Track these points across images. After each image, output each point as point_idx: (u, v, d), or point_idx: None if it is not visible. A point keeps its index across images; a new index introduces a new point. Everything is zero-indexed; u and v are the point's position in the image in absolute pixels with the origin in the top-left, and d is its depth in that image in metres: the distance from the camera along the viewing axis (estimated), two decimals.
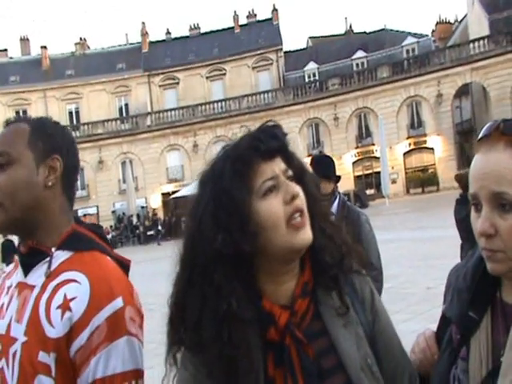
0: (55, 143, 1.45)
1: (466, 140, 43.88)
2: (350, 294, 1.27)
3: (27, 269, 1.41)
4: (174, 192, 40.33)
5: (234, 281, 1.14)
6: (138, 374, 1.34)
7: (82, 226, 1.50)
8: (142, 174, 45.77)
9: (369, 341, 1.25)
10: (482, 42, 40.54)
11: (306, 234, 1.17)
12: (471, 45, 41.24)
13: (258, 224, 1.15)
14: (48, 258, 1.39)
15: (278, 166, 1.19)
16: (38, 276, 1.38)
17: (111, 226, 40.96)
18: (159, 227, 35.75)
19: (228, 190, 1.14)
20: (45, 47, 52.49)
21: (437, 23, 56.80)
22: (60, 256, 1.40)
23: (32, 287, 1.37)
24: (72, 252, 1.40)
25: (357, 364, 1.19)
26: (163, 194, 45.19)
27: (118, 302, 1.32)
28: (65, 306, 1.30)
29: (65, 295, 1.32)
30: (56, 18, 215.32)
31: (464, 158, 39.45)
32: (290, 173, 1.21)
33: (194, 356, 1.18)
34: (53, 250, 1.40)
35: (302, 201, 1.19)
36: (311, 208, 1.22)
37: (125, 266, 1.48)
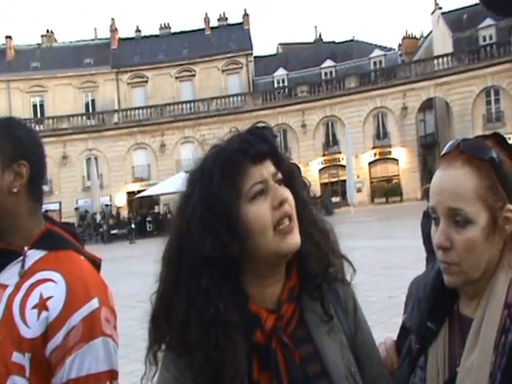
0: (23, 147, 1.40)
1: (429, 153, 45.11)
2: (333, 302, 1.27)
3: None
4: (139, 191, 39.98)
5: (222, 284, 1.13)
6: (112, 374, 1.34)
7: (55, 224, 1.47)
8: (107, 172, 45.17)
9: (351, 350, 1.24)
10: (445, 58, 41.77)
11: (294, 239, 1.16)
12: (435, 61, 42.47)
13: (247, 228, 1.13)
14: (21, 258, 1.36)
15: (267, 169, 1.17)
16: (10, 275, 1.35)
17: (73, 223, 40.12)
18: (132, 225, 35.31)
19: (217, 194, 1.13)
20: (10, 37, 51.06)
21: (403, 38, 58.32)
22: (34, 255, 1.37)
23: (4, 286, 1.34)
24: (46, 251, 1.38)
25: (341, 372, 1.19)
26: (128, 193, 44.72)
27: (94, 303, 1.31)
28: (41, 306, 1.29)
29: (41, 294, 1.30)
30: (21, 8, 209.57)
31: (427, 170, 40.55)
32: (280, 176, 1.19)
33: (179, 357, 1.16)
34: (25, 248, 1.37)
35: (290, 205, 1.17)
36: (300, 212, 1.20)
37: (96, 264, 1.48)
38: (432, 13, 48.61)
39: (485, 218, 1.14)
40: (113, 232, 36.61)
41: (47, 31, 53.77)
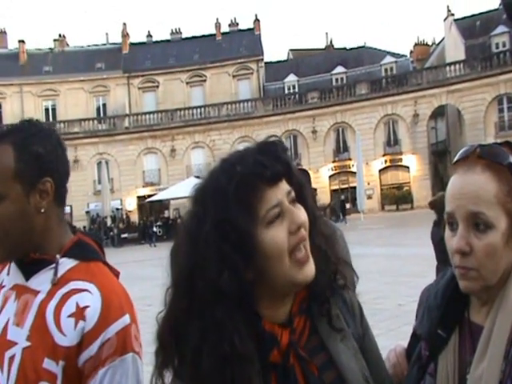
0: (44, 164, 1.35)
1: (440, 161, 44.93)
2: (341, 308, 1.25)
3: (28, 274, 1.36)
4: (149, 196, 40.17)
5: (237, 315, 1.08)
6: None
7: (85, 234, 1.48)
8: (117, 176, 45.40)
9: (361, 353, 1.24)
10: (458, 65, 41.65)
11: (310, 270, 1.12)
12: (447, 68, 42.36)
13: (263, 255, 1.09)
14: (53, 265, 1.35)
15: (282, 190, 1.12)
16: (42, 281, 1.34)
17: (84, 227, 40.40)
18: (154, 228, 35.35)
19: (233, 221, 1.06)
20: (22, 41, 51.58)
21: (415, 44, 58.21)
22: (66, 263, 1.36)
23: (35, 292, 1.33)
24: (77, 261, 1.38)
25: (358, 377, 1.18)
26: (139, 197, 44.98)
27: (127, 319, 1.32)
28: (78, 315, 1.29)
29: (77, 304, 1.30)
30: (34, 13, 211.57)
31: (438, 178, 40.42)
32: (293, 194, 1.14)
33: None
34: (57, 256, 1.36)
35: (306, 229, 1.14)
36: (311, 226, 1.17)
37: (116, 276, 1.47)
38: (444, 19, 48.48)
39: (504, 223, 1.13)
40: (123, 236, 36.79)
41: (59, 35, 54.25)
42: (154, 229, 35.34)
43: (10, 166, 1.31)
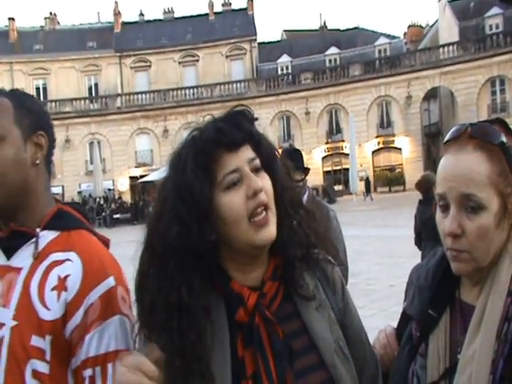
0: (38, 119, 1.40)
1: (433, 142, 44.97)
2: (321, 279, 1.28)
3: (9, 252, 1.34)
4: (142, 176, 39.99)
5: (190, 271, 1.13)
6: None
7: (66, 204, 1.46)
8: (109, 156, 45.16)
9: (340, 327, 1.25)
10: (451, 47, 41.54)
11: (268, 232, 1.15)
12: (441, 49, 42.24)
13: (220, 218, 1.14)
14: (34, 239, 1.33)
15: (242, 157, 1.16)
16: (24, 257, 1.32)
17: (80, 203, 40.29)
18: (151, 209, 35.21)
19: (189, 183, 1.13)
20: (12, 19, 50.85)
21: (409, 26, 57.80)
22: (47, 236, 1.35)
23: (18, 270, 1.31)
24: (59, 231, 1.36)
25: (330, 345, 1.19)
26: (131, 178, 44.77)
27: (111, 281, 1.31)
28: (60, 287, 1.28)
29: (58, 276, 1.29)
30: None
31: (431, 160, 40.47)
32: (257, 162, 1.18)
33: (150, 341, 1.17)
34: (37, 230, 1.35)
35: (267, 194, 1.16)
36: (279, 196, 1.20)
37: (106, 244, 1.46)
38: (438, 1, 48.20)
39: (496, 204, 1.12)
40: (115, 216, 36.69)
41: (50, 14, 53.50)
42: (151, 209, 35.18)
43: (10, 112, 1.34)
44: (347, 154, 38.56)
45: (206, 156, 1.13)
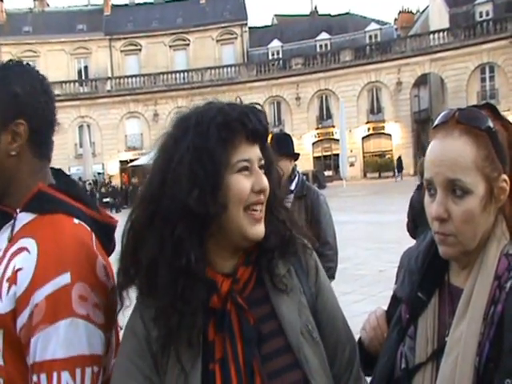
0: (20, 104, 1.27)
1: (422, 129, 45.09)
2: (294, 264, 1.29)
3: None
4: (132, 160, 39.89)
5: (195, 239, 1.15)
6: (84, 360, 1.17)
7: (49, 185, 1.33)
8: (99, 140, 45.04)
9: (311, 312, 1.27)
10: (441, 34, 41.57)
11: (260, 229, 1.20)
12: (431, 36, 42.27)
13: (225, 196, 1.15)
14: (12, 221, 1.27)
15: (255, 152, 1.20)
16: (2, 240, 1.27)
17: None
18: None
19: (211, 151, 1.13)
20: (1, 0, 50.17)
21: (399, 12, 57.95)
22: (23, 219, 1.27)
23: None
24: (35, 214, 1.27)
25: (297, 328, 1.21)
26: (121, 162, 44.66)
27: (64, 279, 1.17)
28: (12, 279, 1.18)
29: (14, 266, 1.20)
30: None
31: (420, 146, 40.60)
32: (262, 163, 1.23)
33: (144, 300, 1.19)
34: (17, 211, 1.27)
35: (266, 196, 1.22)
36: (270, 201, 1.24)
37: (108, 228, 1.36)
38: None
39: (482, 189, 1.14)
40: (105, 200, 36.61)
41: None
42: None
43: None
44: (337, 140, 38.72)
45: (230, 133, 1.15)
